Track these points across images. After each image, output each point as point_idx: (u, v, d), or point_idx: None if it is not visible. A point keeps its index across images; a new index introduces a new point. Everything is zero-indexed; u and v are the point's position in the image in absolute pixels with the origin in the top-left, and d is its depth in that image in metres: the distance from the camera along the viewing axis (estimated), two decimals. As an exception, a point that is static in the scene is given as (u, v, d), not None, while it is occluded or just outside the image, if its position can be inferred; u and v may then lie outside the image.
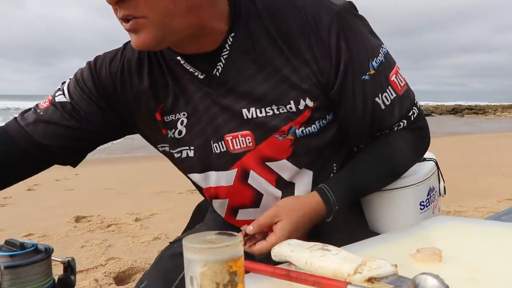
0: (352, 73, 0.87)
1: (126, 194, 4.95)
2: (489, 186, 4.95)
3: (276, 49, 0.86)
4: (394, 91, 0.91)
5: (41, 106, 0.97)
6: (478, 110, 37.89)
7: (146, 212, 4.04)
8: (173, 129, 0.94)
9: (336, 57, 0.85)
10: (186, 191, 4.84)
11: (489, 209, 3.87)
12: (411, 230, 0.87)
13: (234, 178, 0.93)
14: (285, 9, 0.87)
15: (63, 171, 6.63)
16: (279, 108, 0.87)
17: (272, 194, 0.94)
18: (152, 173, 6.30)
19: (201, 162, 0.94)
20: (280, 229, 0.82)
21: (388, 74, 0.90)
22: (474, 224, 0.91)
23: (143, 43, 0.80)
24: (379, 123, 0.92)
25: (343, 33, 0.85)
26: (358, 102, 0.89)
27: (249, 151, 0.90)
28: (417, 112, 0.95)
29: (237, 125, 0.89)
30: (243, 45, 0.87)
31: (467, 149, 8.80)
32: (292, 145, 0.89)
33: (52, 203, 4.50)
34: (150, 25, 0.77)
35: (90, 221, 3.77)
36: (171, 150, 0.97)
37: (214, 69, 0.88)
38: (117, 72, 0.95)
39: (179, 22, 0.79)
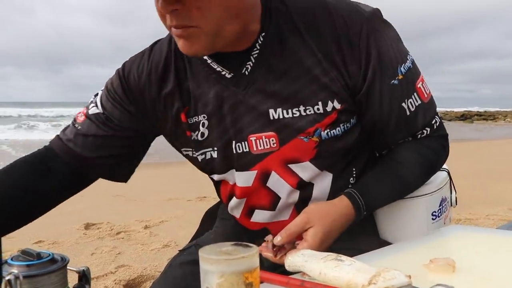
0: (380, 78, 0.87)
1: (136, 201, 4.96)
2: (499, 193, 4.91)
3: (307, 49, 0.86)
4: (420, 98, 0.91)
5: (78, 120, 0.99)
6: (487, 116, 37.57)
7: (155, 219, 4.05)
8: (196, 131, 0.94)
9: (366, 61, 0.86)
10: (196, 198, 4.85)
11: (501, 216, 3.83)
12: (424, 239, 0.87)
13: (253, 179, 0.92)
14: (317, 11, 0.87)
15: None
16: (306, 109, 0.86)
17: (290, 196, 0.92)
18: (161, 180, 6.32)
19: (223, 162, 0.94)
20: (312, 235, 0.80)
21: (415, 81, 0.91)
22: (487, 234, 0.91)
23: (195, 51, 0.81)
24: (403, 129, 0.92)
25: (373, 38, 0.86)
26: (385, 107, 0.89)
27: (272, 152, 0.89)
28: (439, 121, 0.96)
29: (262, 126, 0.88)
30: (274, 44, 0.87)
31: (477, 156, 8.73)
32: (316, 147, 0.88)
33: (62, 210, 4.49)
34: (202, 34, 0.78)
35: (100, 228, 3.79)
36: (195, 152, 0.96)
37: (243, 68, 0.88)
38: (144, 76, 0.95)
39: (228, 28, 0.80)
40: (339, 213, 0.85)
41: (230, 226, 1.06)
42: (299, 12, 0.88)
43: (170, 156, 10.78)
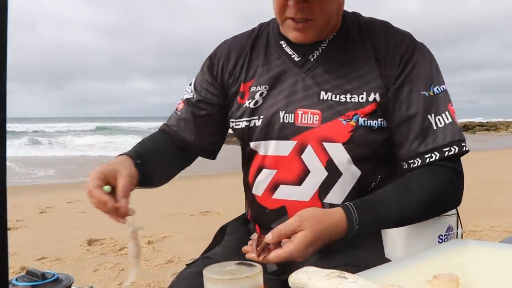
0: (410, 84, 1.01)
1: (138, 217, 4.95)
2: (503, 204, 4.89)
3: (364, 52, 1.04)
4: (451, 116, 1.00)
5: (178, 108, 1.19)
6: (489, 126, 37.49)
7: (158, 234, 4.04)
8: (251, 100, 1.08)
9: (401, 68, 1.01)
10: (198, 213, 4.84)
11: (505, 228, 3.81)
12: (426, 255, 0.87)
13: (291, 149, 1.03)
14: (379, 26, 1.08)
15: (75, 193, 6.68)
16: (352, 97, 1.01)
17: (319, 174, 1.01)
18: (163, 195, 6.31)
19: (265, 129, 1.06)
20: (300, 238, 0.85)
21: (447, 103, 1.01)
22: (491, 248, 0.91)
23: (306, 39, 1.02)
24: (427, 141, 0.98)
25: (416, 55, 1.03)
26: (411, 111, 0.99)
27: (313, 128, 1.01)
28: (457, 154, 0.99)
29: (311, 104, 1.02)
30: (339, 43, 1.06)
31: (480, 167, 8.70)
32: (352, 131, 0.99)
33: (64, 226, 4.52)
34: (316, 26, 1.00)
35: (103, 244, 3.78)
36: (241, 120, 1.10)
37: (310, 55, 1.06)
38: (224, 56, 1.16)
39: (333, 22, 1.04)
40: (331, 223, 0.89)
41: (237, 239, 1.12)
42: (366, 25, 1.08)
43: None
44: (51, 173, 10.26)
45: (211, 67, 1.18)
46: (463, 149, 0.98)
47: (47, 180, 9.17)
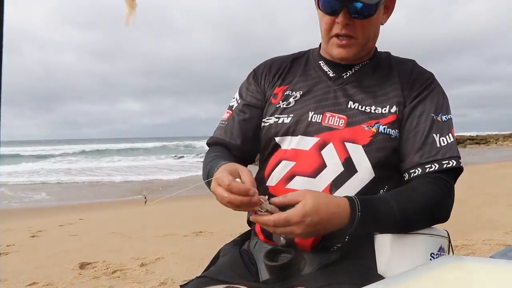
0: (423, 106, 1.16)
1: (131, 238, 4.91)
2: (496, 217, 4.91)
3: (391, 77, 1.21)
4: (453, 137, 1.14)
5: (224, 119, 1.32)
6: (479, 140, 37.86)
7: (151, 256, 4.00)
8: (285, 101, 1.23)
9: (417, 93, 1.18)
10: (191, 233, 4.81)
11: (497, 241, 3.83)
12: (417, 271, 0.87)
13: (313, 144, 1.14)
14: (406, 62, 1.25)
15: (67, 216, 6.62)
16: (376, 109, 1.15)
17: (334, 168, 1.10)
18: (156, 216, 6.27)
19: (292, 126, 1.17)
20: (300, 205, 0.92)
21: (451, 128, 1.17)
22: (481, 264, 0.91)
23: (348, 55, 1.18)
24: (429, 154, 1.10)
25: (432, 87, 1.19)
26: (420, 127, 1.13)
27: (337, 129, 1.14)
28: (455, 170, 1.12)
29: (339, 110, 1.16)
30: (370, 67, 1.24)
31: (472, 180, 8.76)
32: (372, 136, 1.12)
33: (56, 250, 4.46)
34: (357, 44, 1.16)
35: (95, 268, 3.73)
36: (270, 116, 1.22)
37: (344, 73, 1.23)
38: (266, 69, 1.33)
39: (370, 44, 1.22)
40: (333, 201, 0.95)
41: (230, 258, 1.18)
42: (395, 59, 1.27)
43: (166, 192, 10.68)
44: (43, 196, 10.16)
45: (255, 76, 1.33)
46: (459, 164, 1.11)
47: (39, 203, 9.07)
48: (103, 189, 11.59)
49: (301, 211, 0.91)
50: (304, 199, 0.92)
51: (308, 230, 0.92)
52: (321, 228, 0.93)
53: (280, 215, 0.91)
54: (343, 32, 1.14)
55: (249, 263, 1.17)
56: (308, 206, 0.91)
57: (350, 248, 1.08)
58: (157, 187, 11.68)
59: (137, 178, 14.06)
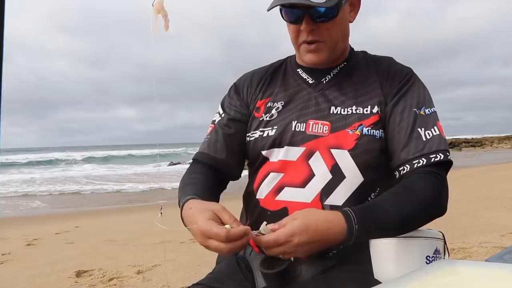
0: (404, 102, 1.14)
1: (128, 246, 4.89)
2: (492, 220, 4.93)
3: (370, 76, 1.20)
4: (439, 130, 1.12)
5: (207, 133, 1.30)
6: (475, 143, 38.02)
7: (148, 263, 3.98)
8: (268, 114, 1.22)
9: (397, 89, 1.17)
10: (188, 240, 4.79)
11: (493, 244, 3.84)
12: (411, 277, 0.88)
13: (300, 154, 1.13)
14: (384, 60, 1.24)
15: (63, 224, 6.58)
16: (357, 109, 1.14)
17: (323, 177, 1.09)
18: (152, 223, 6.25)
19: (278, 138, 1.16)
20: (289, 224, 0.91)
21: (436, 121, 1.14)
22: (476, 268, 0.92)
23: (319, 60, 1.17)
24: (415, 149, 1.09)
25: (411, 81, 1.18)
26: (403, 124, 1.11)
27: (322, 137, 1.13)
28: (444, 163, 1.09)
29: (322, 116, 1.15)
30: (348, 69, 1.23)
31: (468, 183, 8.79)
32: (357, 140, 1.10)
33: (52, 258, 4.44)
34: (326, 48, 1.16)
35: (92, 275, 3.71)
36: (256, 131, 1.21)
37: (323, 78, 1.22)
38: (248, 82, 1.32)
39: (341, 45, 1.20)
40: (324, 218, 0.94)
41: (225, 265, 1.20)
42: (372, 58, 1.26)
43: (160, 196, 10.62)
44: (39, 204, 10.11)
45: (237, 90, 1.32)
46: (447, 157, 1.09)
47: (34, 211, 9.03)
48: (99, 196, 11.55)
49: (287, 231, 0.90)
50: (292, 219, 0.93)
51: (300, 249, 0.91)
52: (315, 246, 0.92)
53: (270, 236, 0.91)
54: (310, 38, 1.14)
55: (245, 270, 1.17)
56: (294, 225, 0.90)
57: (347, 254, 1.08)
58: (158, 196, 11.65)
59: (136, 187, 14.02)
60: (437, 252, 1.03)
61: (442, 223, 1.33)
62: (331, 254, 1.08)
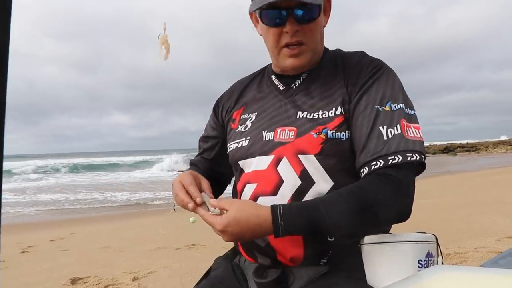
0: (367, 99, 1.09)
1: (123, 252, 4.87)
2: (487, 224, 4.94)
3: (337, 79, 1.16)
4: (401, 130, 1.05)
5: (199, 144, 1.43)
6: (470, 147, 38.18)
7: (144, 270, 3.96)
8: (243, 125, 1.24)
9: (361, 85, 1.12)
10: (184, 246, 4.78)
11: (489, 248, 3.84)
12: (407, 283, 0.88)
13: (269, 163, 1.13)
14: (354, 56, 1.19)
15: (58, 231, 6.54)
16: (323, 113, 1.12)
17: (292, 182, 1.09)
18: (148, 229, 6.23)
19: (250, 148, 1.18)
20: (224, 216, 1.00)
21: (401, 118, 1.06)
22: (471, 273, 0.92)
23: (301, 63, 1.16)
24: (375, 150, 1.04)
25: (378, 75, 1.13)
26: (365, 123, 1.07)
27: (288, 142, 1.12)
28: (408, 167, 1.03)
29: (288, 122, 1.15)
30: (317, 72, 1.20)
31: (463, 188, 8.82)
32: (322, 143, 1.08)
33: (47, 265, 4.41)
34: (308, 50, 1.14)
35: (87, 283, 3.69)
36: (232, 141, 1.24)
37: (292, 84, 1.21)
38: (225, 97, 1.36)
39: (319, 48, 1.20)
40: (255, 213, 0.99)
41: (221, 272, 1.21)
42: (342, 56, 1.21)
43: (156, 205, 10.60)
44: (33, 211, 10.05)
45: (216, 107, 1.37)
46: (407, 159, 1.01)
47: (29, 218, 8.97)
48: (95, 203, 11.50)
49: (223, 222, 1.00)
50: (229, 209, 1.01)
51: (232, 238, 1.02)
52: (244, 237, 1.01)
53: (210, 219, 1.02)
54: (294, 40, 1.12)
55: (240, 278, 1.18)
56: (229, 218, 0.99)
57: (339, 261, 1.08)
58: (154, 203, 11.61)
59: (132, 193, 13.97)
60: (429, 255, 1.03)
61: (437, 228, 1.34)
62: (324, 261, 1.08)
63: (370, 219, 1.01)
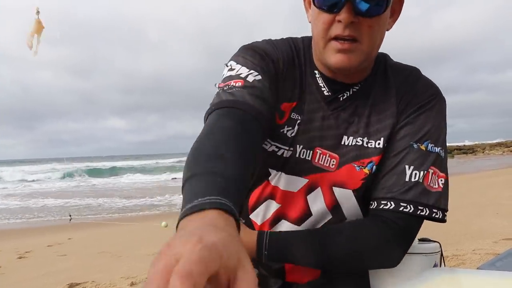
0: (407, 130, 0.97)
1: (121, 257, 4.85)
2: (485, 226, 4.95)
3: (388, 100, 1.00)
4: (423, 179, 0.93)
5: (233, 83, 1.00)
6: (467, 149, 38.26)
7: (142, 275, 3.95)
8: (290, 127, 1.00)
9: (410, 114, 0.98)
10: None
11: (486, 250, 3.85)
12: (405, 286, 0.88)
13: (300, 187, 1.00)
14: (408, 74, 1.03)
15: (55, 236, 6.51)
16: (369, 141, 0.98)
17: (320, 216, 0.99)
18: (146, 234, 6.21)
19: (287, 162, 1.00)
20: None
21: (431, 164, 0.95)
22: (469, 275, 0.92)
23: (349, 64, 0.93)
24: (391, 188, 0.94)
25: (429, 105, 0.99)
26: (392, 155, 0.96)
27: (328, 171, 0.98)
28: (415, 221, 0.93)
29: (331, 146, 0.99)
30: (369, 87, 1.01)
31: (461, 190, 8.83)
32: (364, 179, 0.97)
33: (44, 271, 4.39)
34: (361, 50, 0.92)
35: (85, 288, 3.68)
36: (274, 142, 1.00)
37: (340, 94, 1.00)
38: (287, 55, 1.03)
39: (374, 53, 0.97)
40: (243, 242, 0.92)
41: None
42: (392, 69, 1.04)
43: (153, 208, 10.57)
44: (31, 216, 10.01)
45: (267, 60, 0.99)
46: (417, 212, 0.92)
47: (26, 224, 8.93)
48: (93, 208, 11.46)
49: None
50: None
51: None
52: None
53: None
54: (346, 33, 0.89)
55: None
56: None
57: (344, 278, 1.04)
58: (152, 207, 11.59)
59: (129, 198, 13.95)
60: (435, 266, 1.02)
61: (435, 230, 1.34)
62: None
63: (361, 263, 0.96)
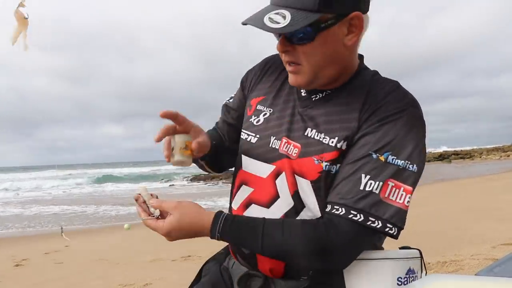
0: (367, 140, 0.99)
1: (118, 264, 4.83)
2: (483, 231, 4.95)
3: (357, 105, 1.04)
4: (380, 191, 0.95)
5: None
6: (464, 154, 38.30)
7: (139, 282, 3.93)
8: (256, 117, 1.18)
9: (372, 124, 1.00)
10: (180, 257, 4.75)
11: (485, 255, 3.85)
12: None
13: (269, 173, 1.10)
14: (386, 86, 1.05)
15: (52, 243, 6.48)
16: (325, 137, 1.04)
17: (287, 201, 1.06)
18: (143, 241, 6.18)
19: (256, 149, 1.14)
20: (167, 221, 1.01)
21: (390, 177, 0.96)
22: (466, 282, 0.92)
23: (297, 83, 1.06)
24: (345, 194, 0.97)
25: (395, 117, 0.99)
26: (351, 162, 0.99)
27: (290, 158, 1.07)
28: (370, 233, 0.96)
29: (295, 136, 1.08)
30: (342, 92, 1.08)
31: (459, 195, 8.84)
32: (320, 173, 1.02)
33: (41, 279, 4.37)
34: (304, 72, 1.03)
35: (81, 296, 3.66)
36: (245, 130, 1.20)
37: (314, 95, 1.11)
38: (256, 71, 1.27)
39: (327, 71, 1.04)
40: (198, 222, 1.01)
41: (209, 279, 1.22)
42: (374, 80, 1.08)
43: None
44: (27, 224, 9.97)
45: (244, 79, 1.29)
46: (367, 222, 0.94)
47: (22, 231, 8.89)
48: (90, 215, 11.42)
49: (166, 227, 1.01)
50: (172, 214, 1.01)
51: (174, 239, 1.04)
52: (187, 237, 1.04)
53: (151, 223, 1.04)
54: (286, 59, 1.04)
55: (228, 283, 1.19)
56: (173, 224, 1.01)
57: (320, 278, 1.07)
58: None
59: (126, 205, 13.90)
60: (410, 272, 1.02)
61: (434, 236, 1.34)
62: (304, 278, 1.08)
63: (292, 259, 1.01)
